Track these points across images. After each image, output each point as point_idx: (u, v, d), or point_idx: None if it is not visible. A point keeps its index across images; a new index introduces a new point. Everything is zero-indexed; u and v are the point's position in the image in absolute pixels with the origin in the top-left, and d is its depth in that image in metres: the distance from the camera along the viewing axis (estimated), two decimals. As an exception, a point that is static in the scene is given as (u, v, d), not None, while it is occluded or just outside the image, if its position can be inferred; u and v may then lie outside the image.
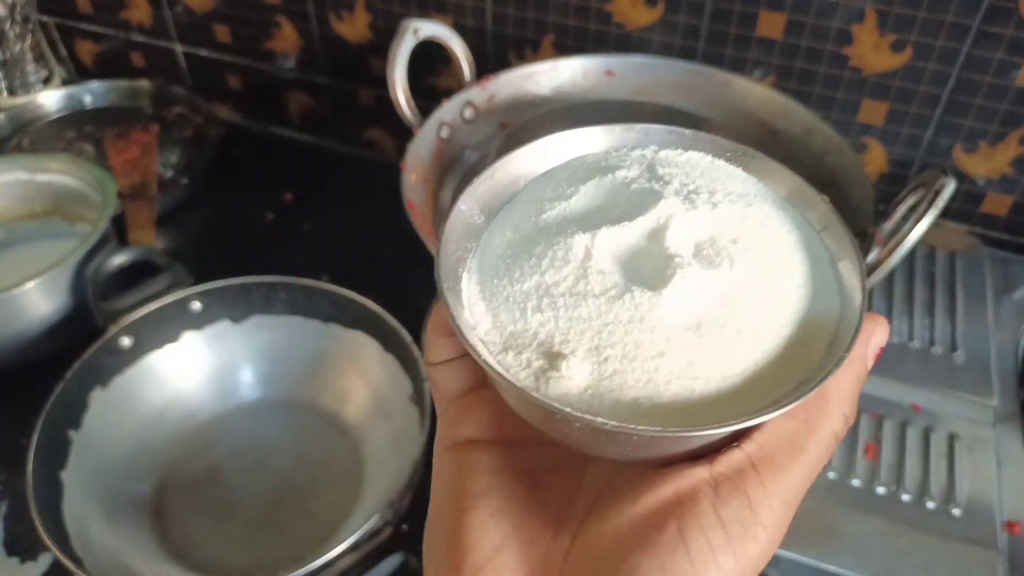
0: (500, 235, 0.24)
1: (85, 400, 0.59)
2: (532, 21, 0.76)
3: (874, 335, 0.22)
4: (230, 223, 0.86)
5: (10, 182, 0.75)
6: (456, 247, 0.23)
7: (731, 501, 0.20)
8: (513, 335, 0.21)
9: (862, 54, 0.67)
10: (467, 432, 0.24)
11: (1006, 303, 0.65)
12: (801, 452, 0.21)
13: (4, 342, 0.65)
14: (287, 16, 0.88)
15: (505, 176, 0.25)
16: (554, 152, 0.26)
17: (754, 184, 0.24)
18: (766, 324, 0.21)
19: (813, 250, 0.23)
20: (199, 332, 0.65)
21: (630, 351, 0.20)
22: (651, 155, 0.25)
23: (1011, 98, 0.65)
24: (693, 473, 0.20)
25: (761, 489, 0.20)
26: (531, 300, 0.21)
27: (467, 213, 0.24)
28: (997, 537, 0.49)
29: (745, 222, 0.23)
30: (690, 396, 0.20)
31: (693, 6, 0.69)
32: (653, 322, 0.20)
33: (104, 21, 1.00)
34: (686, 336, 0.20)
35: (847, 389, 0.22)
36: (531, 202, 0.24)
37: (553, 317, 0.21)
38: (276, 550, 0.56)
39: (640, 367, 0.20)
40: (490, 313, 0.22)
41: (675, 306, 0.21)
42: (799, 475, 0.21)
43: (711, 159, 0.25)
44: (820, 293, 0.22)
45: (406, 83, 0.61)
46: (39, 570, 0.56)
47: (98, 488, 0.57)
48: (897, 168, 0.73)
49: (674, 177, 0.24)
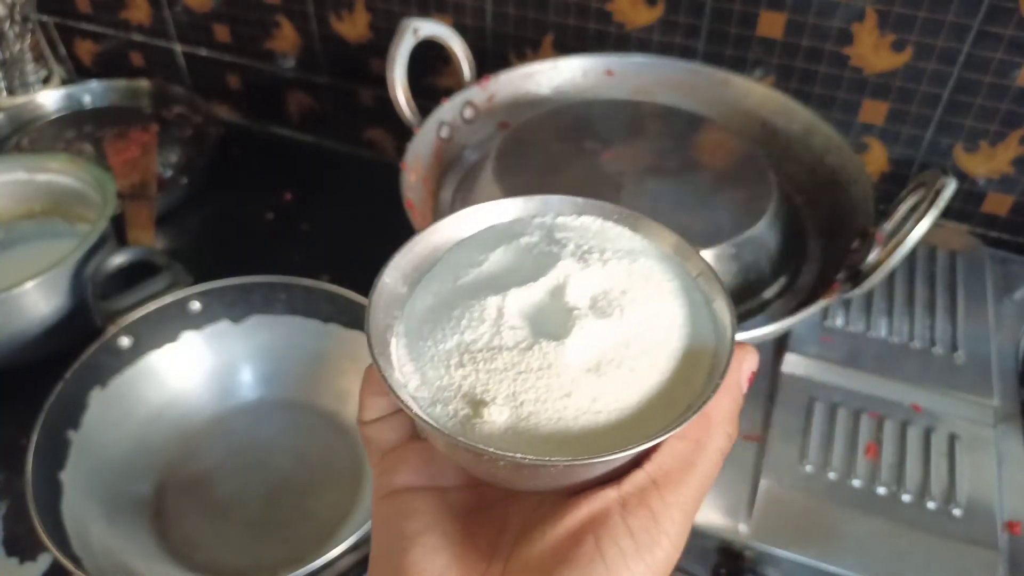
0: (422, 301, 0.27)
1: (84, 400, 0.59)
2: (532, 21, 0.76)
3: (744, 362, 0.26)
4: (230, 223, 0.86)
5: (10, 182, 0.74)
6: (384, 315, 0.26)
7: (638, 514, 0.23)
8: (440, 389, 0.24)
9: (862, 54, 0.67)
10: (401, 481, 0.27)
11: (1007, 303, 0.65)
12: (693, 467, 0.24)
13: (4, 342, 0.64)
14: (287, 16, 0.88)
15: (424, 248, 0.28)
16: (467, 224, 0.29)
17: (639, 241, 0.28)
18: (654, 361, 0.24)
19: (691, 295, 0.27)
20: (198, 332, 0.65)
21: (542, 394, 0.23)
22: (550, 221, 0.29)
23: (1012, 98, 0.65)
24: (604, 495, 0.23)
25: (662, 502, 0.23)
26: (454, 357, 0.24)
27: (391, 285, 0.27)
28: (997, 537, 0.49)
29: (632, 276, 0.26)
30: (595, 428, 0.23)
31: (693, 6, 0.69)
32: (559, 368, 0.24)
33: (103, 21, 1.00)
34: (588, 377, 0.24)
35: (727, 410, 0.25)
36: (448, 269, 0.27)
37: (474, 371, 0.24)
38: (276, 550, 0.56)
39: (551, 407, 0.23)
40: (419, 372, 0.25)
41: (577, 352, 0.24)
42: (693, 487, 0.24)
43: (601, 222, 0.29)
44: (698, 331, 0.26)
45: (406, 83, 0.61)
46: (39, 570, 0.56)
47: (97, 488, 0.57)
48: (898, 168, 0.73)
49: (570, 240, 0.27)
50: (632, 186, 0.53)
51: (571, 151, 0.56)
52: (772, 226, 0.53)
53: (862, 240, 0.50)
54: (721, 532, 0.50)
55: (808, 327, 0.61)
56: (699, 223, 0.51)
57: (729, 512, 0.51)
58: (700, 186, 0.54)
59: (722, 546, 0.51)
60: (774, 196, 0.53)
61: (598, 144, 0.57)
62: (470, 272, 0.27)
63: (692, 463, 0.24)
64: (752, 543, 0.50)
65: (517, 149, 0.57)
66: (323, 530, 0.57)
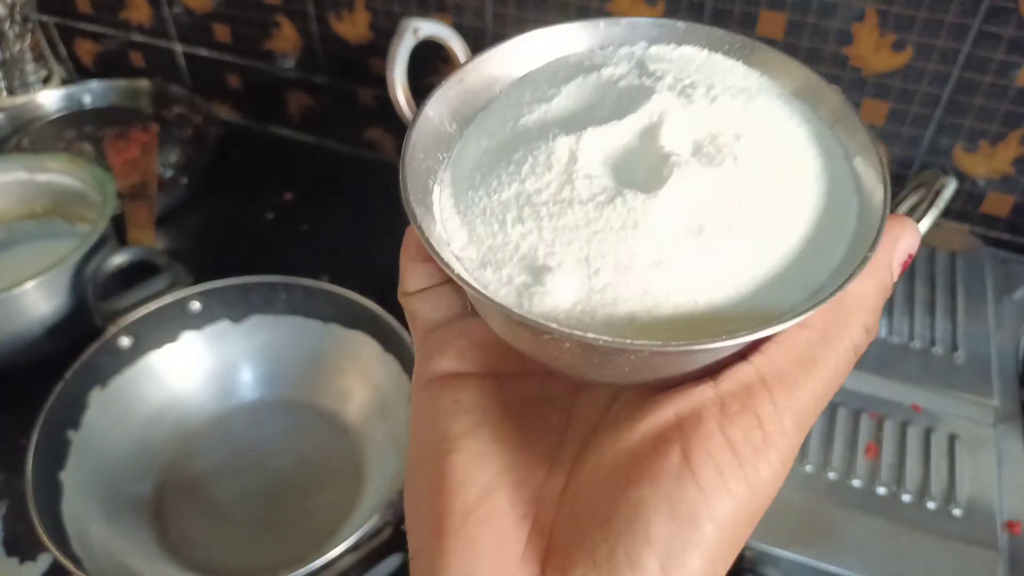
0: (475, 143, 0.22)
1: (84, 400, 0.59)
2: (532, 21, 0.76)
3: (901, 239, 0.20)
4: (230, 223, 0.86)
5: (10, 182, 0.74)
6: (425, 157, 0.21)
7: (739, 421, 0.18)
8: (492, 249, 0.19)
9: (862, 54, 0.67)
10: (447, 365, 0.22)
11: (1007, 303, 0.65)
12: (816, 365, 0.19)
13: (4, 342, 0.64)
14: (287, 16, 0.88)
15: (477, 80, 0.23)
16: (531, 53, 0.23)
17: (757, 78, 0.22)
18: (776, 225, 0.19)
19: (826, 145, 0.21)
20: (199, 332, 0.65)
21: (624, 261, 0.18)
22: (640, 52, 0.23)
23: (1011, 98, 0.65)
24: (696, 392, 0.18)
25: (772, 407, 0.18)
26: (511, 211, 0.19)
27: (436, 120, 0.22)
28: (998, 537, 0.49)
29: (748, 117, 0.20)
30: (693, 308, 0.18)
31: (693, 6, 0.69)
32: (649, 228, 0.18)
33: (104, 21, 1.00)
34: (687, 242, 0.18)
35: (869, 297, 0.20)
36: (508, 107, 0.22)
37: (536, 228, 0.19)
38: (276, 550, 0.56)
39: (636, 278, 0.18)
40: (466, 227, 0.20)
41: (673, 209, 0.18)
42: (814, 391, 0.19)
43: (707, 53, 0.23)
44: (835, 191, 0.20)
45: (406, 83, 0.61)
46: (39, 570, 0.56)
47: (97, 488, 0.57)
48: (898, 168, 0.72)
49: (667, 73, 0.21)
50: (632, 186, 0.53)
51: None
52: (772, 226, 0.53)
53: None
54: (721, 532, 0.50)
55: (808, 327, 0.61)
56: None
57: (729, 512, 0.51)
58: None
59: (722, 546, 0.51)
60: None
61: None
62: (536, 109, 0.21)
63: (814, 359, 0.19)
64: (752, 543, 0.50)
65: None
66: (323, 530, 0.57)
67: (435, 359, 0.22)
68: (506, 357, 0.22)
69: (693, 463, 0.18)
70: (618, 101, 0.21)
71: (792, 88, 0.22)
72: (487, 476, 0.20)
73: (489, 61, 0.23)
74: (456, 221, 0.20)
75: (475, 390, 0.21)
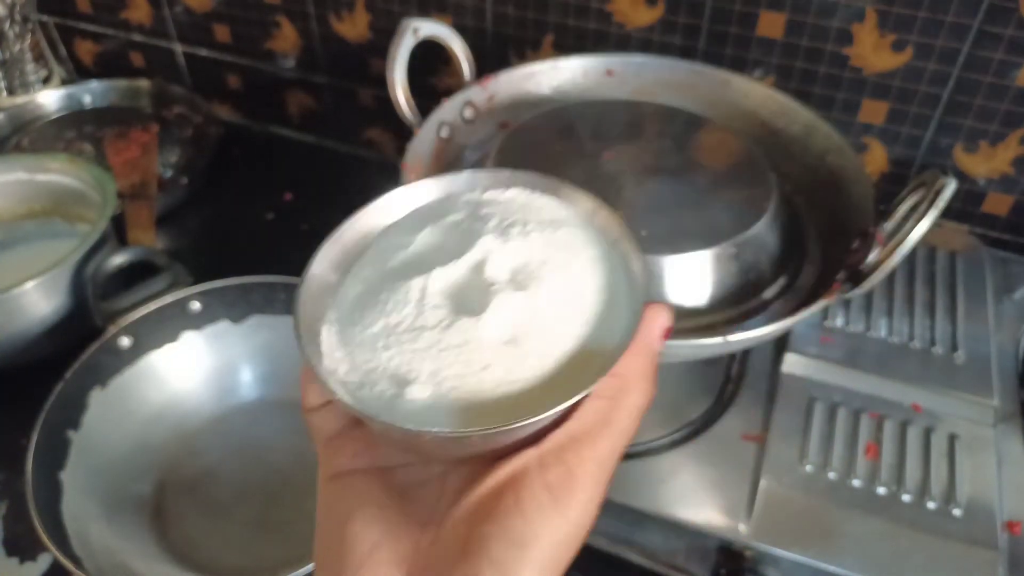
0: (352, 289, 0.28)
1: (84, 400, 0.59)
2: (532, 21, 0.76)
3: (658, 319, 0.27)
4: (230, 223, 0.86)
5: (10, 182, 0.74)
6: (313, 306, 0.27)
7: (554, 470, 0.25)
8: (368, 372, 0.25)
9: (862, 54, 0.67)
10: (344, 464, 0.28)
11: (1007, 303, 0.65)
12: (609, 423, 0.26)
13: (4, 342, 0.64)
14: (287, 16, 0.88)
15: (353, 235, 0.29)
16: (396, 206, 0.30)
17: (564, 210, 0.29)
18: (570, 328, 0.26)
19: (610, 259, 0.28)
20: (199, 332, 0.65)
21: (461, 369, 0.25)
22: (477, 197, 0.30)
23: (1011, 98, 0.65)
24: (524, 455, 0.25)
25: (578, 457, 0.25)
26: (380, 340, 0.25)
27: (321, 275, 0.29)
28: (998, 537, 0.49)
29: (552, 246, 0.27)
30: (512, 397, 0.24)
31: (693, 6, 0.69)
32: (477, 343, 0.25)
33: (104, 21, 1.00)
34: (505, 349, 0.25)
35: (640, 368, 0.27)
36: (377, 254, 0.28)
37: (398, 352, 0.25)
38: (276, 550, 0.56)
39: (471, 381, 0.25)
40: (349, 357, 0.26)
41: (494, 326, 0.25)
42: (610, 441, 0.25)
43: (528, 193, 0.30)
44: (615, 295, 0.27)
45: (406, 83, 0.61)
46: (39, 570, 0.56)
47: (97, 488, 0.57)
48: (897, 168, 0.73)
49: (494, 215, 0.28)
50: (632, 186, 0.53)
51: (571, 151, 0.56)
52: (772, 226, 0.53)
53: (862, 240, 0.50)
54: (721, 532, 0.50)
55: (808, 327, 0.61)
56: (699, 223, 0.51)
57: (729, 512, 0.51)
58: (700, 186, 0.54)
59: (722, 546, 0.51)
60: (774, 196, 0.53)
61: (598, 144, 0.57)
62: (398, 255, 0.28)
63: (608, 419, 0.26)
64: (752, 543, 0.50)
65: (517, 149, 0.57)
66: (323, 530, 0.57)
67: (334, 461, 0.29)
68: (392, 452, 0.28)
69: (522, 504, 0.24)
70: (457, 242, 0.27)
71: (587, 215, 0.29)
72: (373, 537, 0.26)
73: (362, 218, 0.30)
74: (340, 352, 0.26)
75: (367, 479, 0.28)
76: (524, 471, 0.25)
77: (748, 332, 0.46)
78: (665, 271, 0.49)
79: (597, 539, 0.56)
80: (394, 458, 0.28)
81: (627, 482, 0.53)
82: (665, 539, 0.53)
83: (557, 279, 0.26)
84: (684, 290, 0.49)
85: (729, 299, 0.51)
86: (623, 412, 0.26)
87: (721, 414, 0.57)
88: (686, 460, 0.54)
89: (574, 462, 0.25)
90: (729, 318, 0.51)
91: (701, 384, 0.60)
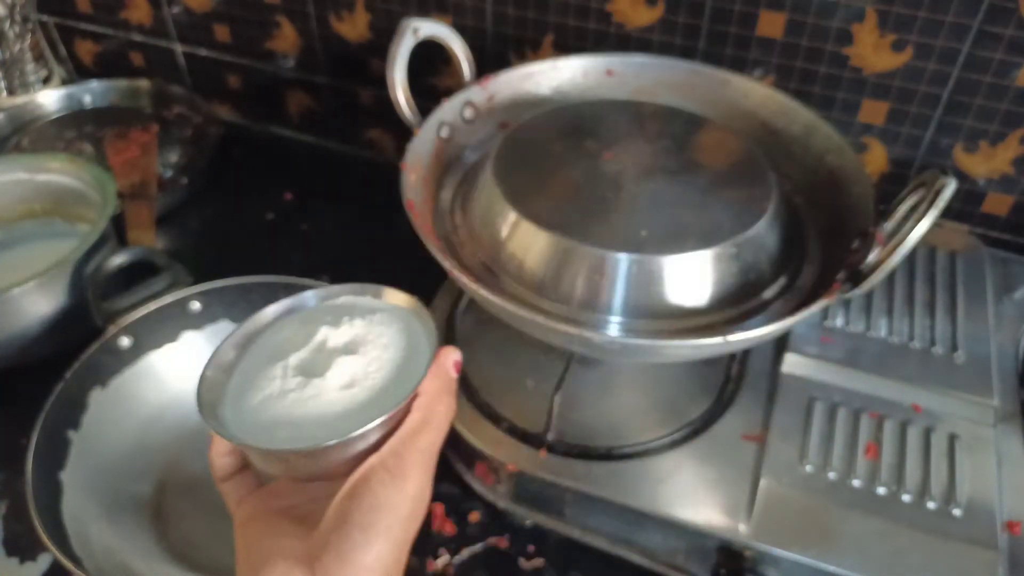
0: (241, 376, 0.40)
1: (84, 400, 0.59)
2: (532, 21, 0.76)
3: (450, 355, 0.40)
4: (230, 223, 0.86)
5: (10, 182, 0.74)
6: (210, 394, 0.39)
7: (391, 460, 0.36)
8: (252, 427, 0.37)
9: (862, 54, 0.67)
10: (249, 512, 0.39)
11: (1007, 303, 0.65)
12: (427, 425, 0.37)
13: (4, 342, 0.64)
14: (287, 16, 0.88)
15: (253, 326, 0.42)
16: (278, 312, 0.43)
17: (378, 303, 0.43)
18: (387, 372, 0.39)
19: (413, 327, 0.41)
20: (199, 332, 0.65)
21: (314, 413, 0.37)
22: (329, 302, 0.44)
23: (1011, 98, 0.65)
24: (371, 459, 0.36)
25: (407, 448, 0.36)
26: (260, 408, 0.38)
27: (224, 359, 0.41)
28: (998, 537, 0.49)
29: (371, 325, 0.41)
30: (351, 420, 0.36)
31: (693, 6, 0.69)
32: (325, 392, 0.38)
33: (104, 21, 1.00)
34: (344, 392, 0.38)
35: (438, 389, 0.39)
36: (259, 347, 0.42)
37: (272, 411, 0.38)
38: (276, 550, 0.56)
39: (322, 418, 0.37)
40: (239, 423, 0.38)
41: (335, 379, 0.38)
42: (428, 436, 0.37)
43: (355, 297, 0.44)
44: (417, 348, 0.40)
45: (406, 83, 0.61)
46: (39, 570, 0.56)
47: (97, 488, 0.57)
48: (897, 168, 0.73)
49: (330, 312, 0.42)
50: (632, 186, 0.53)
51: (571, 151, 0.56)
52: (772, 226, 0.53)
53: (862, 240, 0.50)
54: (721, 532, 0.50)
55: (808, 327, 0.61)
56: (699, 223, 0.51)
57: (729, 512, 0.51)
58: (700, 186, 0.54)
59: (722, 546, 0.51)
60: (774, 196, 0.53)
61: (598, 144, 0.57)
62: (270, 346, 0.41)
63: (427, 422, 0.37)
64: (752, 543, 0.50)
65: (517, 149, 0.57)
66: (323, 530, 0.57)
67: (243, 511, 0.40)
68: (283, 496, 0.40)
69: (371, 485, 0.35)
70: (307, 334, 0.41)
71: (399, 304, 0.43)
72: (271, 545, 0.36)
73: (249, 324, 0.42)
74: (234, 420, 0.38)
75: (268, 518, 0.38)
76: (371, 467, 0.36)
77: (748, 332, 0.46)
78: (665, 271, 0.49)
79: (597, 539, 0.56)
80: (286, 499, 0.39)
81: (627, 482, 0.53)
82: (665, 539, 0.53)
83: (376, 344, 0.40)
84: (684, 290, 0.49)
85: (729, 299, 0.51)
86: (434, 417, 0.38)
87: (721, 414, 0.57)
88: (686, 460, 0.54)
89: (404, 452, 0.36)
90: (729, 318, 0.51)
91: (701, 384, 0.60)
